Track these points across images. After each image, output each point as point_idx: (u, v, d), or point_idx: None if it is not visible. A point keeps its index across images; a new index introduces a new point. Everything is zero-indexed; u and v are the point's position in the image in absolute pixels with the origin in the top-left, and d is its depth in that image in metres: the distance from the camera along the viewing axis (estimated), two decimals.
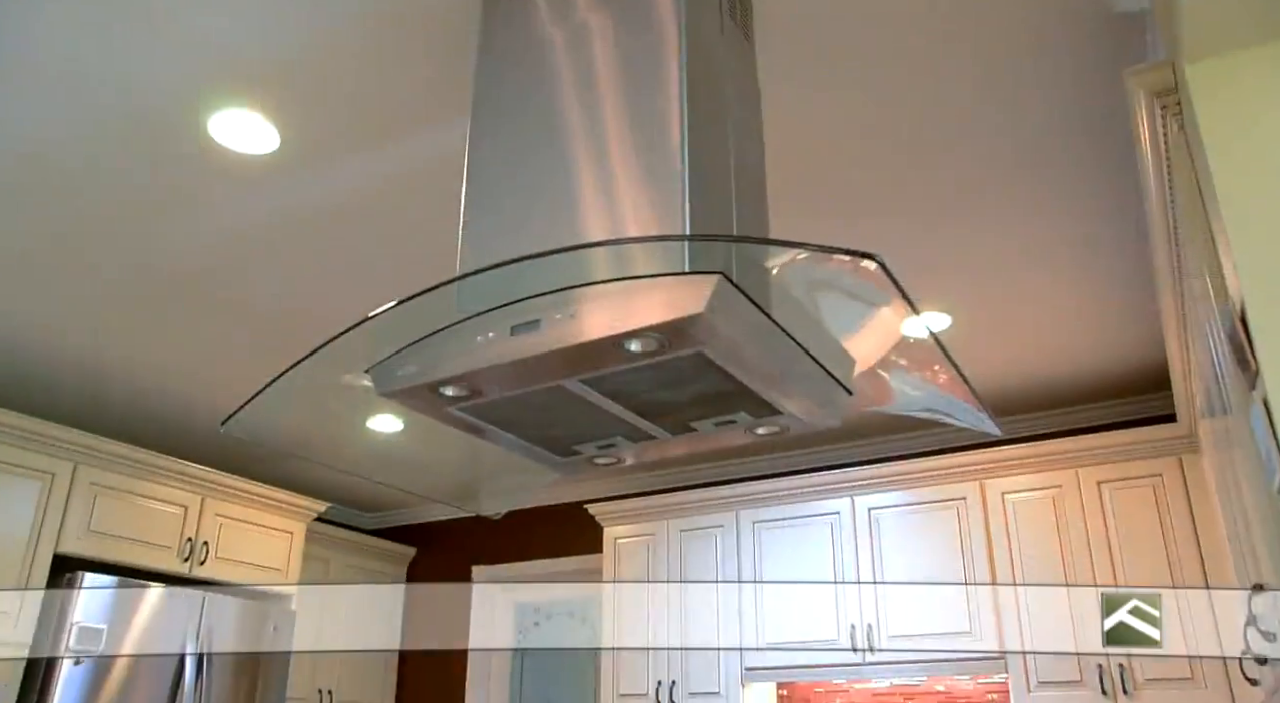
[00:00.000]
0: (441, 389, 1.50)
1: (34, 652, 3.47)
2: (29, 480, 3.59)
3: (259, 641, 4.11)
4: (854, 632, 3.74)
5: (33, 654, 3.47)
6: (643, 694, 4.10)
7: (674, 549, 4.25)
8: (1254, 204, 1.48)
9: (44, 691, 3.42)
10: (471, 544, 5.28)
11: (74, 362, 3.63)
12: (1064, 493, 3.57)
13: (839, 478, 3.98)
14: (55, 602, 3.55)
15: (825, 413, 1.57)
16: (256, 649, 4.09)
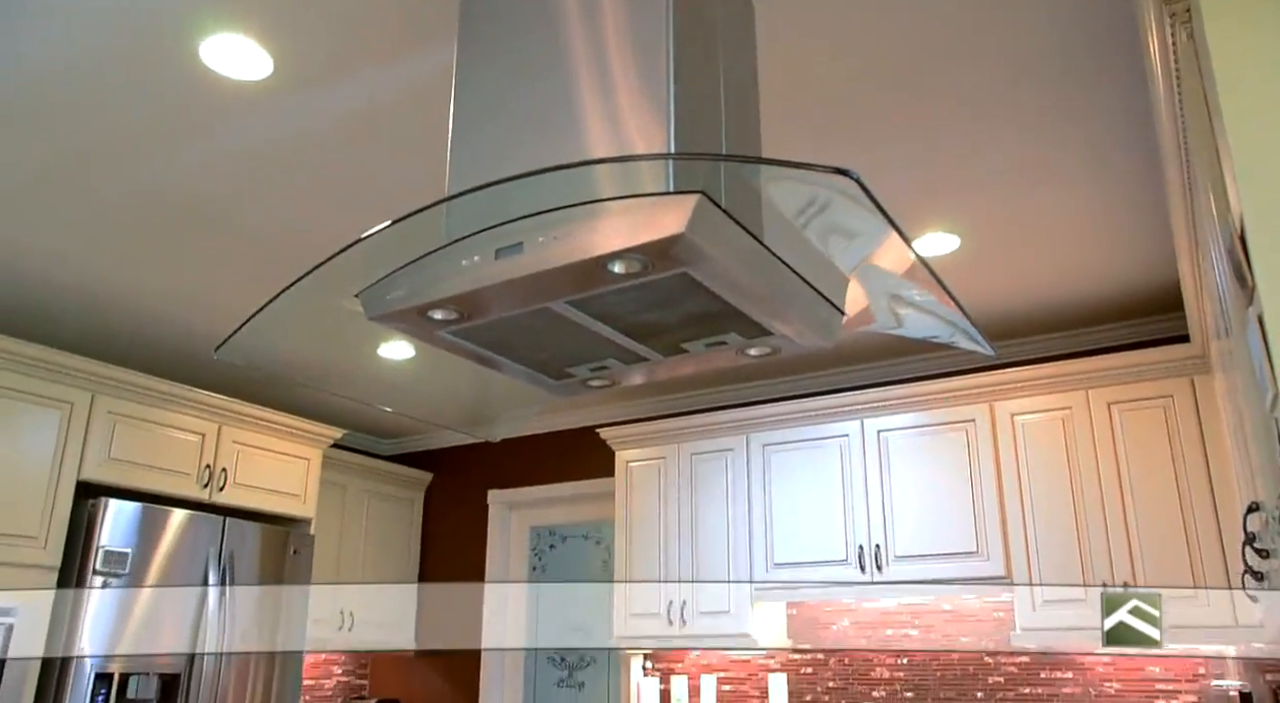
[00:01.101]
0: (430, 313, 1.51)
1: (63, 575, 3.59)
2: (49, 410, 3.66)
3: (279, 563, 4.22)
4: (862, 553, 3.79)
5: (62, 577, 3.58)
6: (655, 614, 4.19)
7: (685, 472, 4.30)
8: (1258, 117, 1.44)
9: (75, 612, 3.54)
10: (487, 469, 5.36)
11: (82, 292, 3.66)
12: (1074, 415, 3.56)
13: (848, 401, 3.98)
14: (81, 527, 3.64)
15: (817, 334, 1.56)
16: (278, 572, 4.20)
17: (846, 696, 4.03)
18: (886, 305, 1.53)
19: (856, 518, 3.84)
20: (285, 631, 4.18)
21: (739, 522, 4.10)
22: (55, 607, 3.55)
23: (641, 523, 4.35)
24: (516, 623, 5.11)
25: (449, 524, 5.41)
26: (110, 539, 3.65)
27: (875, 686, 3.98)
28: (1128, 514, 3.38)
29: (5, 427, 3.52)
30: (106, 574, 3.61)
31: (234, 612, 3.97)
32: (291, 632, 4.21)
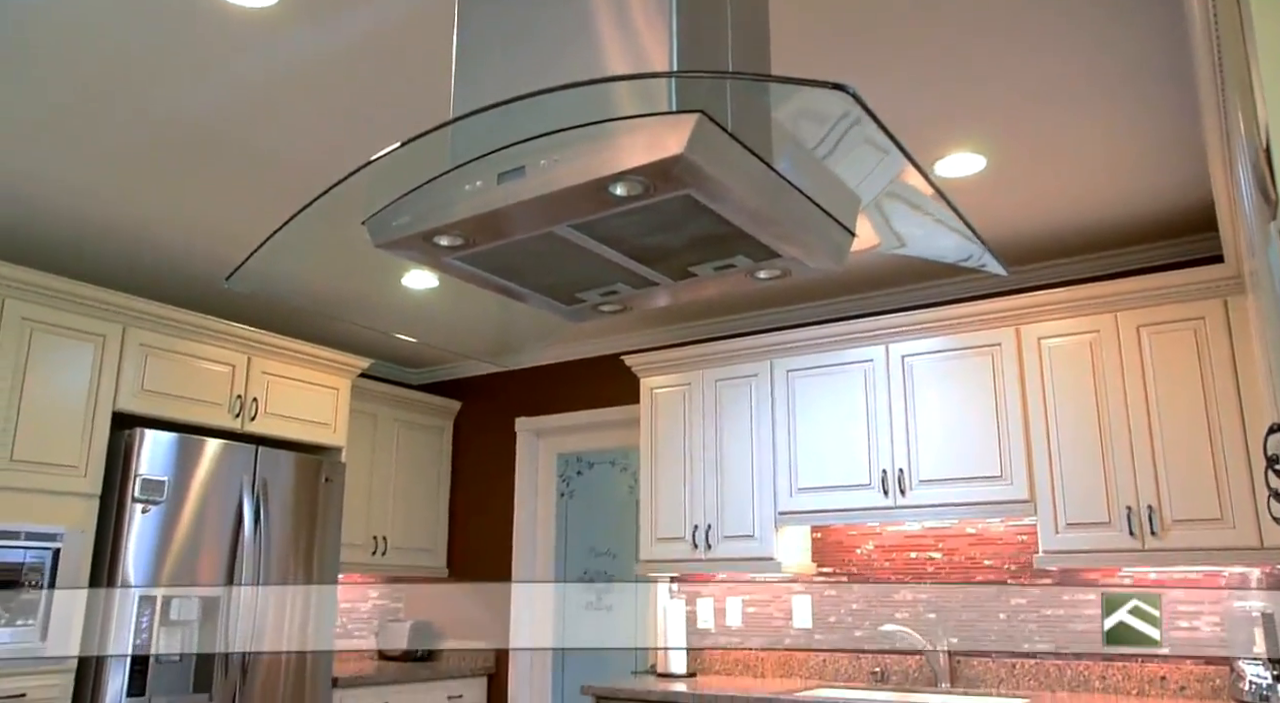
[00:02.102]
0: (435, 240, 1.51)
1: (103, 502, 3.70)
2: (82, 343, 3.73)
3: (312, 491, 4.31)
4: (885, 477, 3.80)
5: (103, 504, 3.69)
6: (680, 538, 4.25)
7: (709, 399, 4.31)
8: None
9: (117, 536, 3.66)
10: (514, 397, 5.42)
11: (108, 225, 3.70)
12: (1101, 338, 3.51)
13: (873, 326, 3.96)
14: (119, 456, 3.74)
15: (827, 255, 1.54)
16: (310, 500, 4.29)
17: (869, 617, 4.08)
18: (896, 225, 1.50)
19: (880, 443, 3.85)
20: (319, 557, 4.30)
21: (763, 447, 4.13)
22: (98, 532, 3.67)
23: (666, 449, 4.38)
24: (545, 548, 5.21)
25: (478, 452, 5.50)
26: (148, 468, 3.75)
27: (898, 607, 4.03)
28: (1154, 438, 3.35)
29: (41, 360, 3.60)
30: (145, 501, 3.72)
31: (269, 537, 4.08)
32: (325, 558, 4.32)
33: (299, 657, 4.12)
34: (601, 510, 5.08)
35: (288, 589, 4.13)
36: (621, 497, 4.96)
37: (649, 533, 4.35)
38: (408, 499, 5.23)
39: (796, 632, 4.26)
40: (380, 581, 5.42)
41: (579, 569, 5.07)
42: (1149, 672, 3.49)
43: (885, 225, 1.50)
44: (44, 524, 3.51)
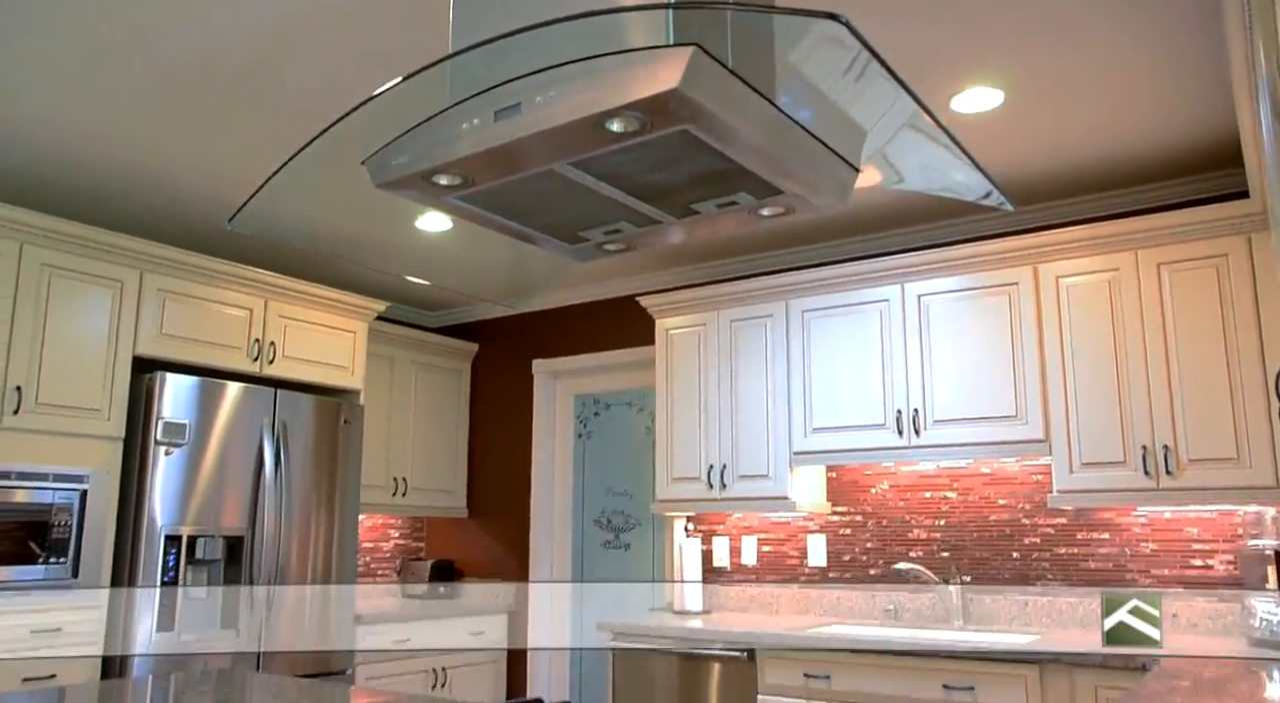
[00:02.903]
0: (434, 179, 1.50)
1: (127, 445, 3.76)
2: (100, 289, 3.76)
3: (332, 433, 4.37)
4: (900, 417, 3.80)
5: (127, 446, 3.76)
6: (696, 478, 4.29)
7: (724, 339, 4.31)
8: None
9: (142, 477, 3.73)
10: (531, 339, 5.43)
11: (124, 170, 3.70)
12: (1121, 277, 3.46)
13: (889, 266, 3.92)
14: (141, 400, 3.80)
15: (830, 192, 1.52)
16: (330, 441, 4.35)
17: (884, 555, 4.11)
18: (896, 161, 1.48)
19: (895, 383, 3.84)
20: (340, 498, 4.37)
21: (778, 387, 4.13)
22: (123, 473, 3.75)
23: (681, 390, 4.40)
24: (563, 488, 5.26)
25: (496, 394, 5.53)
26: (170, 411, 3.81)
27: (912, 546, 4.06)
28: (1172, 377, 3.32)
29: (61, 306, 3.64)
30: (168, 443, 3.78)
31: (290, 478, 4.14)
32: (346, 499, 4.39)
33: (322, 594, 4.21)
34: (618, 451, 5.11)
35: (310, 529, 4.21)
36: (638, 438, 4.99)
37: (665, 473, 4.38)
38: (427, 441, 5.29)
39: (811, 570, 4.30)
40: (402, 521, 5.51)
41: (596, 509, 5.13)
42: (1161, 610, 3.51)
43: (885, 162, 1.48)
44: (70, 466, 3.59)
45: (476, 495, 5.48)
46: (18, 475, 3.46)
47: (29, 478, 3.48)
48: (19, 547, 3.45)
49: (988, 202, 1.49)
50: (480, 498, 5.46)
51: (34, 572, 3.46)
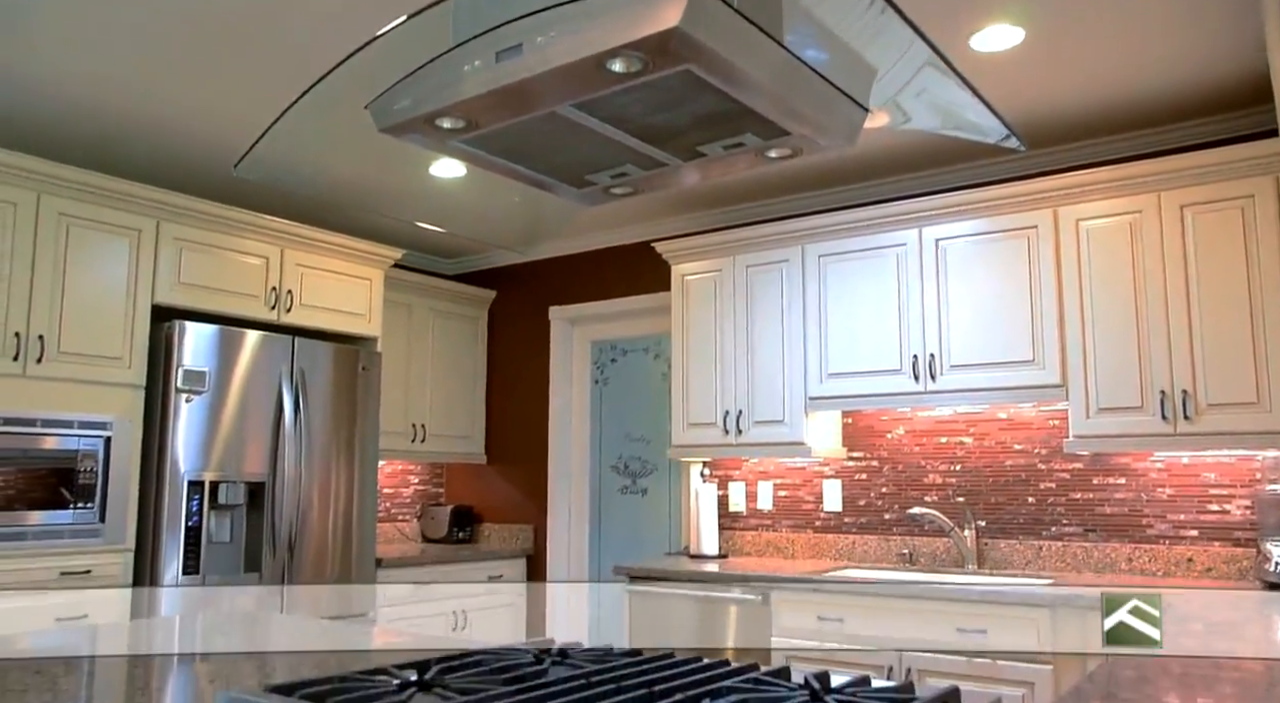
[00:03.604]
0: (437, 122, 1.48)
1: (149, 393, 3.81)
2: (118, 238, 3.78)
3: (350, 380, 4.40)
4: (916, 362, 3.78)
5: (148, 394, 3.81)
6: (711, 423, 4.30)
7: (740, 285, 4.29)
8: None
9: (164, 425, 3.78)
10: (548, 286, 5.43)
11: (133, 118, 3.69)
12: (1143, 219, 3.41)
13: (906, 209, 3.87)
14: (161, 348, 3.84)
15: (838, 133, 1.49)
16: (349, 388, 4.38)
17: (899, 500, 4.13)
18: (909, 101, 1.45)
19: (911, 328, 3.81)
20: (360, 444, 4.41)
21: (793, 333, 4.11)
22: (146, 420, 3.80)
23: (697, 336, 4.39)
24: (580, 434, 5.30)
25: (513, 340, 5.55)
26: (190, 359, 3.85)
27: (927, 491, 4.07)
28: (1192, 321, 3.28)
29: (80, 255, 3.66)
30: (188, 391, 3.83)
31: (309, 424, 4.19)
32: (365, 445, 4.44)
33: (344, 539, 4.29)
34: (635, 397, 5.13)
35: (331, 475, 4.27)
36: (655, 384, 5.00)
37: (681, 419, 4.40)
38: (445, 388, 5.32)
39: (826, 515, 4.33)
40: (421, 467, 5.57)
41: (614, 455, 5.17)
42: (1176, 554, 3.51)
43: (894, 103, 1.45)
44: (94, 414, 3.64)
45: (495, 442, 5.52)
46: (43, 423, 3.52)
47: (54, 425, 3.54)
48: (50, 493, 3.53)
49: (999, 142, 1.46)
50: (499, 444, 5.51)
51: (63, 516, 3.54)
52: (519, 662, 1.58)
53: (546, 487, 5.28)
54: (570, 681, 1.41)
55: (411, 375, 5.12)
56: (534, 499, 5.32)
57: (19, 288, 3.49)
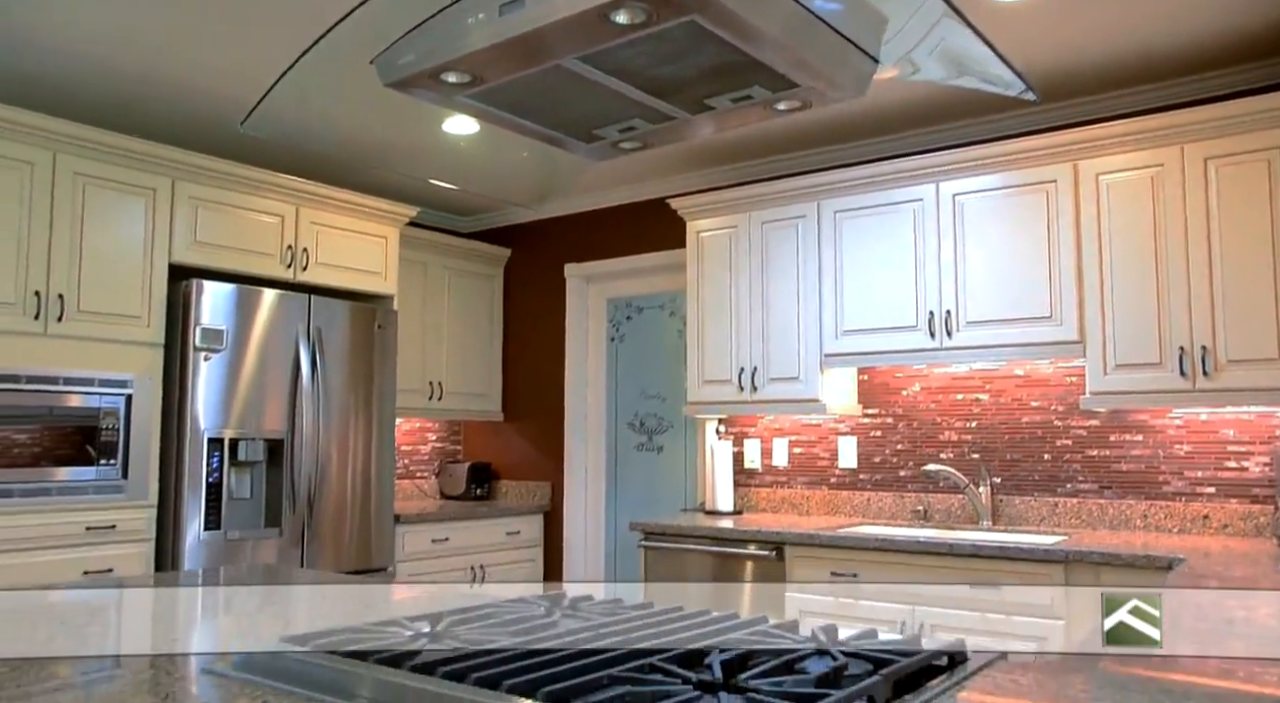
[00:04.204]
0: (442, 77, 1.47)
1: (168, 351, 3.85)
2: (133, 197, 3.80)
3: (367, 338, 4.42)
4: (932, 319, 3.76)
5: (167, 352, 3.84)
6: (727, 380, 4.30)
7: (755, 241, 4.26)
8: None
9: (183, 383, 3.83)
10: (563, 244, 5.42)
11: (148, 76, 3.68)
12: (1165, 173, 3.35)
13: (923, 164, 3.82)
14: (178, 307, 3.86)
15: (848, 84, 1.47)
16: (365, 346, 4.41)
17: (914, 457, 4.13)
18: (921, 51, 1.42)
19: (928, 284, 3.78)
20: (377, 402, 4.45)
21: (809, 289, 4.09)
22: (165, 378, 3.84)
23: (712, 293, 4.38)
24: (596, 391, 5.32)
25: (529, 298, 5.55)
26: (208, 318, 3.88)
27: (943, 448, 4.07)
28: (1214, 276, 3.23)
29: (96, 214, 3.68)
30: (206, 349, 3.86)
31: (326, 382, 4.22)
32: (382, 403, 4.47)
33: (363, 495, 4.34)
34: (651, 354, 5.14)
35: (349, 433, 4.31)
36: (671, 341, 5.00)
37: (696, 376, 4.40)
38: (461, 346, 5.34)
39: (841, 472, 4.33)
40: (439, 424, 5.62)
41: (630, 412, 5.18)
42: (1193, 511, 3.50)
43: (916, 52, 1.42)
44: (115, 372, 3.68)
45: (511, 399, 5.55)
46: (65, 381, 3.56)
47: (76, 383, 3.58)
48: (75, 450, 3.59)
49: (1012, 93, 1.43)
50: (515, 402, 5.54)
51: (87, 473, 3.60)
52: (529, 614, 1.60)
53: (563, 444, 5.31)
54: (579, 632, 1.43)
55: (428, 333, 5.14)
56: (551, 456, 5.35)
57: (38, 247, 3.51)
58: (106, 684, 1.41)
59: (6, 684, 1.32)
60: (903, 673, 1.24)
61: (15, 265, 3.46)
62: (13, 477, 3.43)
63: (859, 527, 3.91)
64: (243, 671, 1.33)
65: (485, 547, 4.93)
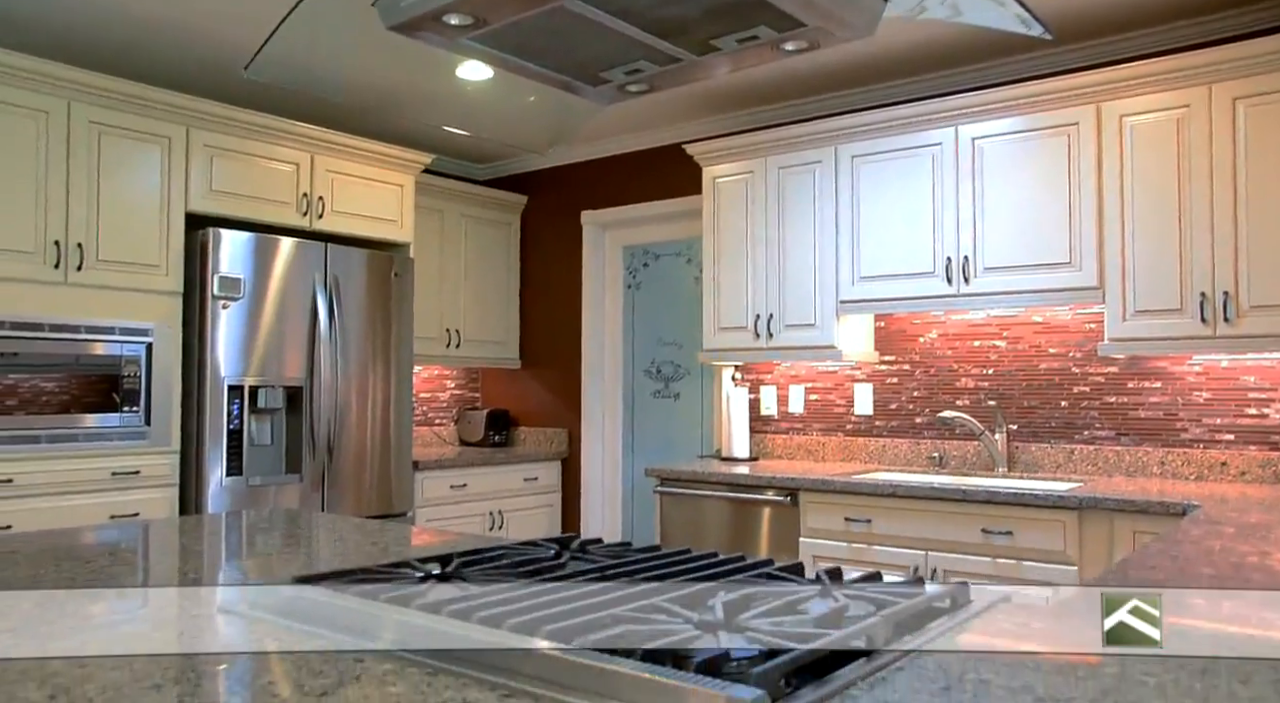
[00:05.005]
0: (445, 18, 1.46)
1: (186, 300, 3.88)
2: (149, 146, 3.80)
3: (384, 286, 4.44)
4: (950, 264, 3.72)
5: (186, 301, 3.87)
6: (743, 327, 4.29)
7: (772, 187, 4.22)
8: None
9: (202, 331, 3.86)
10: (580, 190, 5.39)
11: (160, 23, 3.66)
12: (1191, 114, 3.27)
13: (942, 107, 3.76)
14: (196, 255, 3.89)
15: (855, 23, 1.44)
16: (383, 294, 4.43)
17: (930, 404, 4.12)
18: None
19: (946, 229, 3.74)
20: (395, 349, 4.48)
21: (825, 235, 4.06)
22: (185, 327, 3.88)
23: (728, 239, 4.35)
24: (613, 338, 5.32)
25: (546, 245, 5.54)
26: (226, 266, 3.90)
27: (959, 395, 4.05)
28: (1239, 220, 3.18)
29: (112, 163, 3.69)
30: (224, 298, 3.89)
31: (344, 329, 4.25)
32: (400, 350, 4.50)
33: (382, 442, 4.39)
34: (668, 302, 5.13)
35: (368, 380, 4.35)
36: (688, 288, 4.99)
37: (712, 322, 4.39)
38: (478, 293, 5.35)
39: (857, 419, 4.34)
40: (457, 371, 5.65)
41: (646, 359, 5.20)
42: (1210, 458, 3.49)
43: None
44: (135, 321, 3.72)
45: (529, 346, 5.57)
46: (87, 330, 3.61)
47: (97, 332, 3.63)
48: (101, 397, 3.65)
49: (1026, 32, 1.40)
50: (533, 349, 5.56)
51: (112, 419, 3.66)
52: (538, 556, 1.63)
53: (580, 391, 5.34)
54: (585, 573, 1.45)
55: (445, 281, 5.15)
56: (568, 403, 5.38)
57: (56, 196, 3.53)
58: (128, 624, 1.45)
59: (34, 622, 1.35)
60: (904, 614, 1.25)
61: (34, 215, 3.49)
62: (40, 423, 3.49)
63: (873, 473, 3.92)
64: (257, 609, 1.36)
65: (504, 493, 4.99)
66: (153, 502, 3.74)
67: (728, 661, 1.01)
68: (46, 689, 1.04)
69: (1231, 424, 3.47)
